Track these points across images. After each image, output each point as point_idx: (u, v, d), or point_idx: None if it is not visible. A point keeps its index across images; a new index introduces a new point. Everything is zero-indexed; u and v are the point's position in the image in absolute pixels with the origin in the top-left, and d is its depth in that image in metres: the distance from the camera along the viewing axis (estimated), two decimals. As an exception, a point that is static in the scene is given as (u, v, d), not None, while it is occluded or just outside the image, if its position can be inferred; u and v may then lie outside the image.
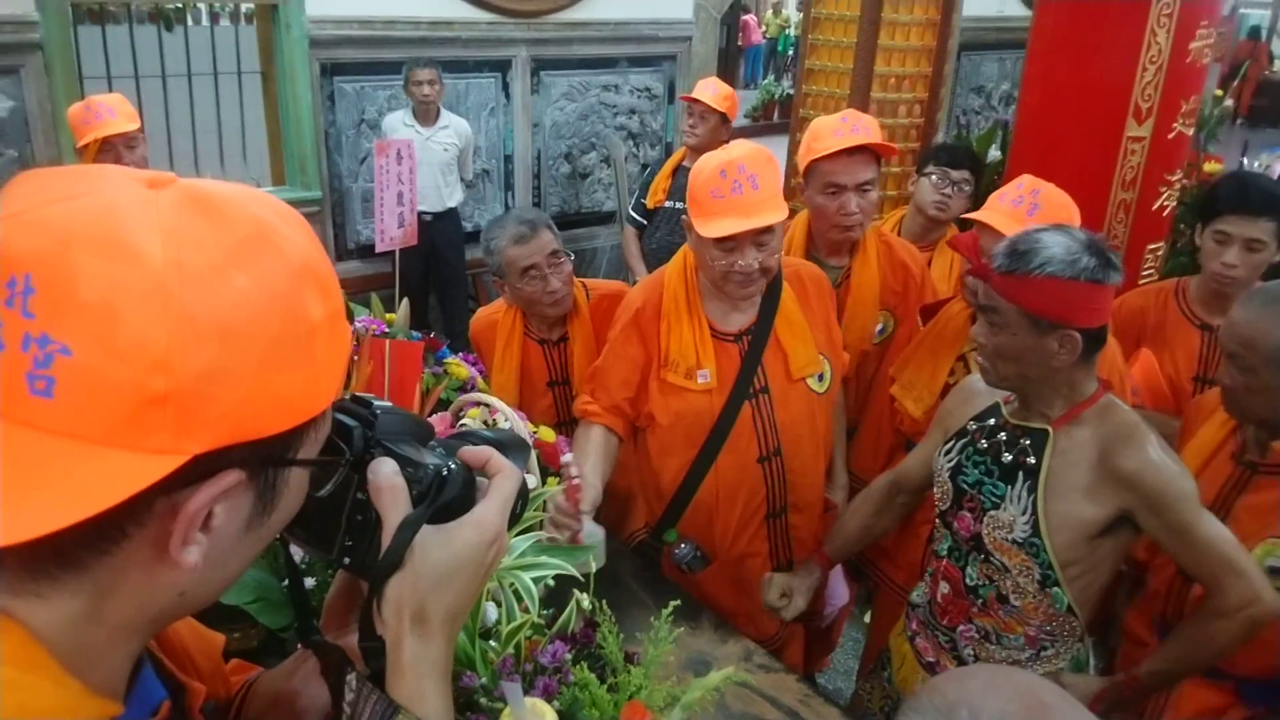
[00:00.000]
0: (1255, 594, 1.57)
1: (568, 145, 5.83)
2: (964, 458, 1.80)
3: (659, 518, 2.18)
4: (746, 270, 1.92)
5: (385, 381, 1.51)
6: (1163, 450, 1.61)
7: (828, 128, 2.39)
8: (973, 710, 0.71)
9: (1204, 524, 1.60)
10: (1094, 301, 1.56)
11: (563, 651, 0.97)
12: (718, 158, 1.92)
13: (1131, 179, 2.83)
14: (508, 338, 2.42)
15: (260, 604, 1.32)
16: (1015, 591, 1.73)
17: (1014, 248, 1.57)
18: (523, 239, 2.27)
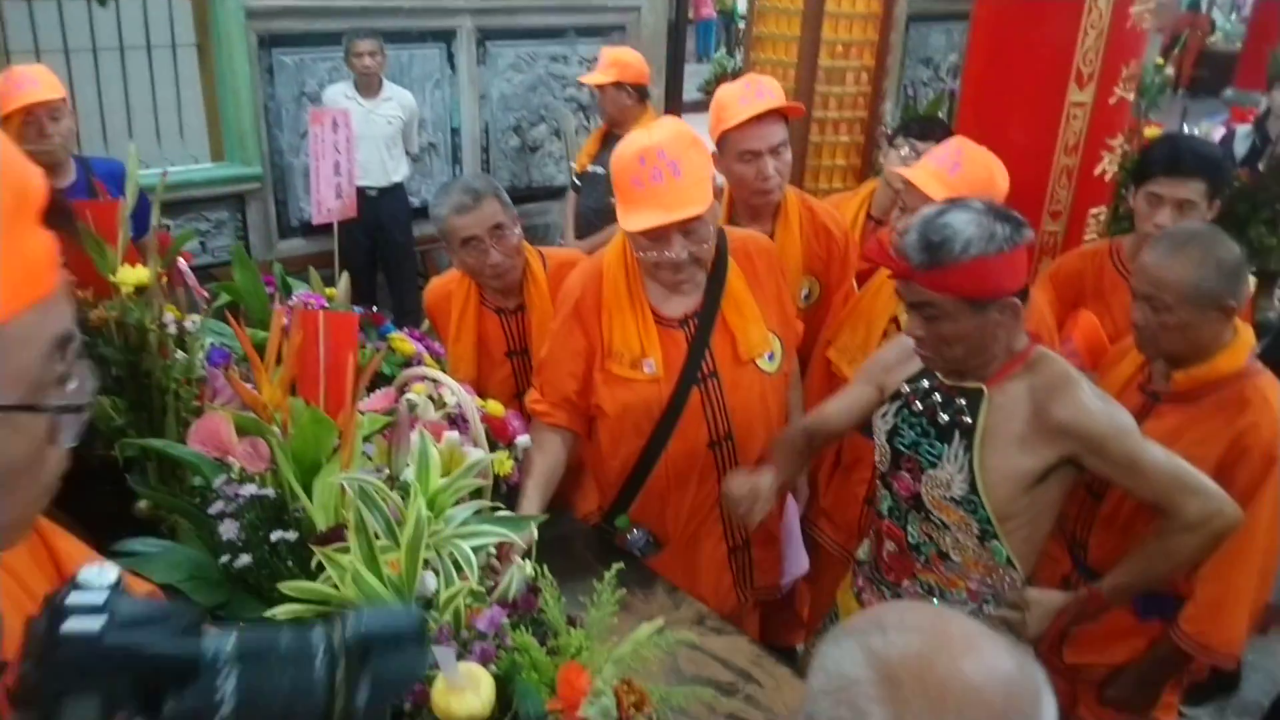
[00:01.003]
0: (1216, 508, 1.65)
1: (516, 118, 5.75)
2: (900, 420, 1.82)
3: (611, 504, 2.16)
4: (675, 261, 1.87)
5: (320, 354, 1.47)
6: (1095, 393, 1.67)
7: (733, 96, 2.35)
8: (884, 637, 0.73)
9: (1149, 453, 1.65)
10: (1019, 265, 1.59)
11: (500, 617, 0.95)
12: (638, 142, 1.85)
13: (1074, 144, 2.84)
14: (463, 308, 2.36)
15: (194, 582, 1.29)
16: (955, 548, 1.77)
17: (927, 241, 1.56)
18: (464, 209, 2.20)
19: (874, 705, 0.70)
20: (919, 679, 0.70)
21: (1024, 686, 0.72)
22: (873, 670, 0.72)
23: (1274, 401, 1.84)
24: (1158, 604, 1.98)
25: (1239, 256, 1.85)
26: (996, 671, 0.71)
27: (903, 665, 0.71)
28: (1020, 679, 0.72)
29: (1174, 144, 2.44)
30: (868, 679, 0.71)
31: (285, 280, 2.27)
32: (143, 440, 1.58)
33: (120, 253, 1.78)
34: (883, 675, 0.71)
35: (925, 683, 0.70)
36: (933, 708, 0.69)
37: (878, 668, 0.72)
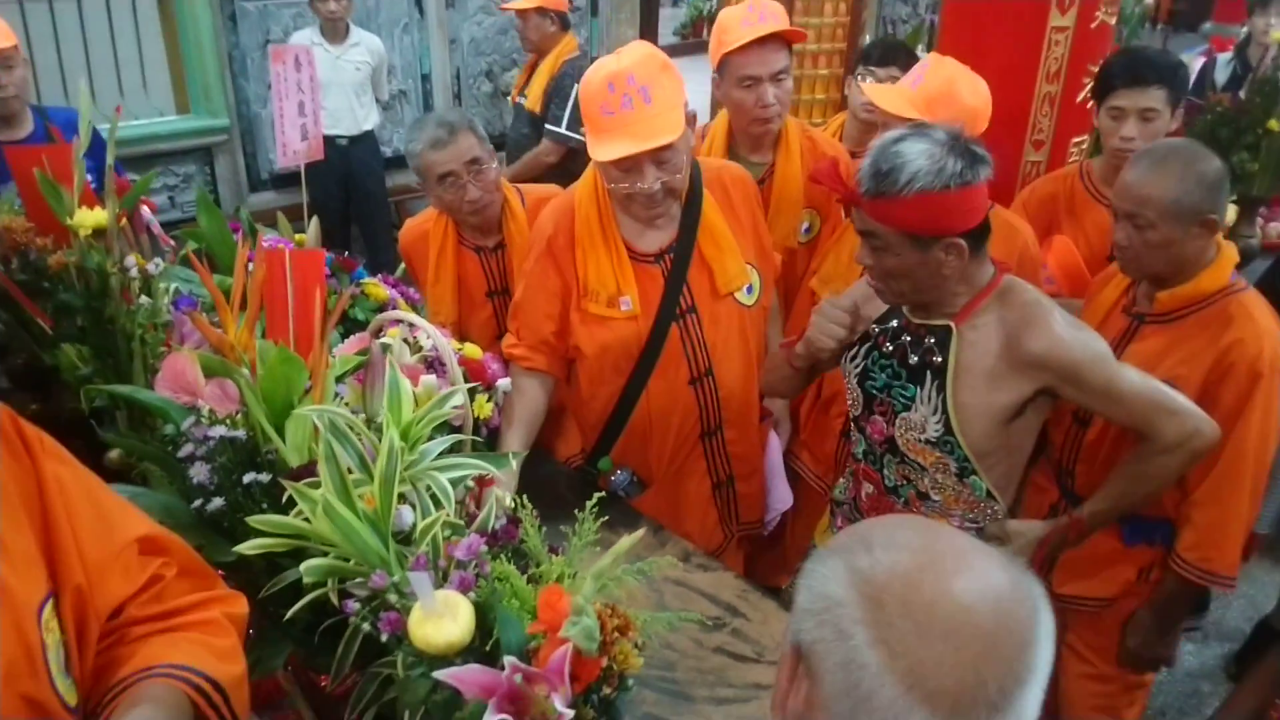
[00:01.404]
0: (1194, 427, 1.64)
1: (488, 62, 5.64)
2: (870, 363, 1.79)
3: (593, 446, 2.14)
4: (648, 193, 1.82)
5: (288, 294, 1.42)
6: (1067, 321, 1.63)
7: (735, 19, 2.29)
8: (869, 556, 0.71)
9: (1125, 378, 1.64)
10: (969, 204, 1.52)
11: (478, 545, 0.93)
12: (606, 68, 1.77)
13: (1056, 70, 2.79)
14: (440, 247, 2.30)
15: (165, 526, 1.25)
16: (934, 488, 1.76)
17: (877, 168, 1.51)
18: (439, 144, 2.13)
19: (857, 628, 0.67)
20: (903, 601, 0.67)
21: (1017, 606, 0.69)
22: (856, 591, 0.69)
23: (1258, 317, 1.83)
24: (1144, 529, 1.99)
25: (1220, 170, 1.82)
26: (987, 592, 0.68)
27: (887, 587, 0.68)
28: (1013, 598, 0.69)
29: (1131, 55, 2.41)
30: (851, 600, 0.69)
31: (252, 226, 2.20)
32: (109, 387, 1.53)
33: (76, 196, 1.71)
34: (866, 597, 0.68)
35: (910, 605, 0.67)
36: (918, 631, 0.66)
37: (861, 589, 0.69)
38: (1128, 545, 2.02)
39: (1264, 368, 1.78)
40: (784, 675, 0.74)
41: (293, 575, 1.05)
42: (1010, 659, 0.66)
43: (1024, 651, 0.67)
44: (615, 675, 0.87)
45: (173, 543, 1.03)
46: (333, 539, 0.96)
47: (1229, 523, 1.87)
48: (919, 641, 0.66)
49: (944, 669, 0.65)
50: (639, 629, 0.90)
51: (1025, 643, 0.67)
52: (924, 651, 0.65)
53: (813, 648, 0.70)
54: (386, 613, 0.90)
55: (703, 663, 1.61)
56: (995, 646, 0.66)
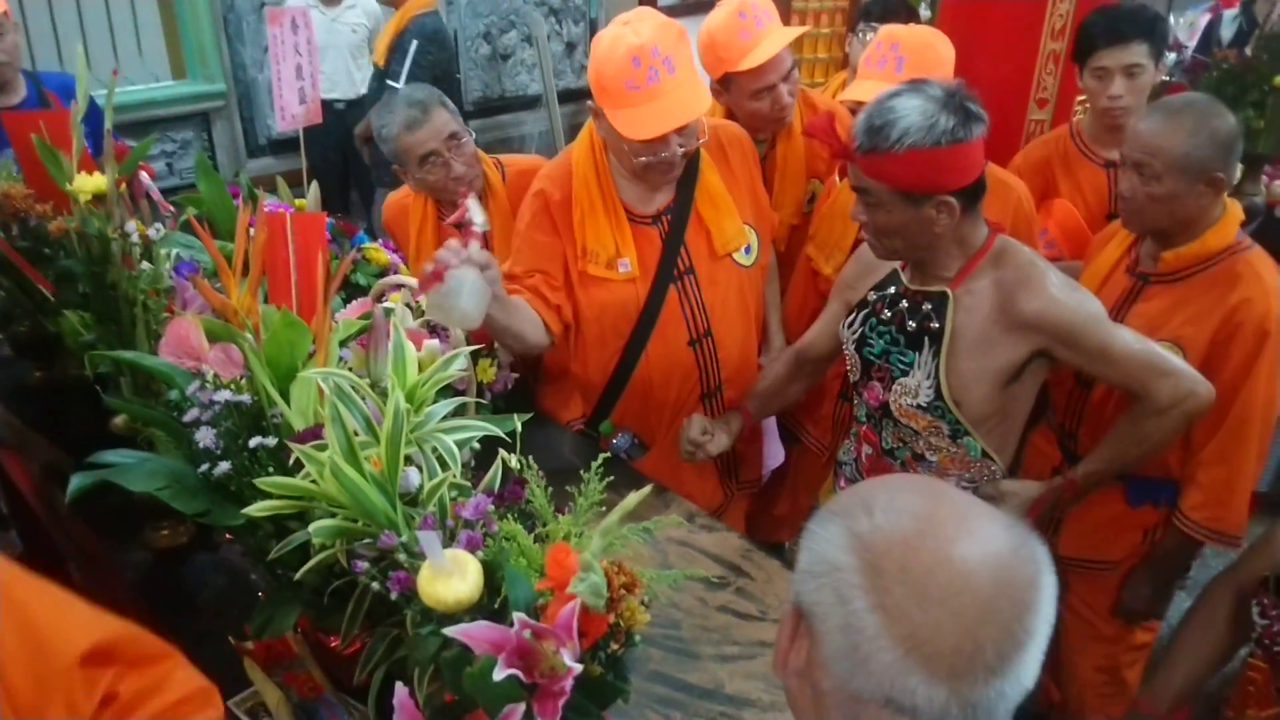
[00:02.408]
0: (1188, 388, 1.64)
1: (485, 24, 5.57)
2: (868, 329, 1.79)
3: (594, 410, 2.14)
4: (670, 160, 1.82)
5: (290, 258, 1.42)
6: (1061, 281, 1.63)
7: (731, 31, 2.17)
8: (870, 520, 0.71)
9: (1119, 339, 1.64)
10: (962, 161, 1.52)
11: (485, 504, 0.94)
12: (626, 41, 1.73)
13: (1061, 28, 2.76)
14: (420, 224, 2.28)
15: (172, 490, 1.26)
16: (929, 449, 1.78)
17: (870, 123, 1.51)
18: (415, 124, 2.10)
19: (856, 593, 0.68)
20: (902, 566, 0.68)
21: (1017, 571, 0.68)
22: (856, 557, 0.69)
23: (1265, 275, 1.81)
24: (1149, 490, 1.99)
25: (1234, 128, 1.79)
26: (987, 557, 0.68)
27: (886, 553, 0.68)
28: (1013, 563, 0.69)
29: (1109, 13, 2.38)
30: (851, 566, 0.69)
31: (252, 191, 2.19)
32: (113, 354, 1.54)
33: (75, 161, 1.71)
34: (865, 562, 0.68)
35: (908, 570, 0.67)
36: (915, 597, 0.66)
37: (861, 554, 0.69)
38: (1133, 507, 2.03)
39: (1272, 326, 1.78)
40: (785, 633, 0.75)
41: (301, 538, 1.06)
42: (1008, 624, 0.67)
43: (1023, 616, 0.67)
44: (622, 632, 0.88)
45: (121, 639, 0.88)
46: (341, 500, 0.97)
47: (1236, 481, 1.87)
48: (917, 607, 0.66)
49: (942, 634, 0.66)
50: (645, 587, 0.91)
51: (1024, 607, 0.68)
52: (921, 617, 0.66)
53: (813, 609, 0.71)
54: (396, 572, 0.91)
55: (708, 621, 1.63)
56: (993, 612, 0.66)
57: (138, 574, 1.75)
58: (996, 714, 0.67)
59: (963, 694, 0.65)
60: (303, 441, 1.05)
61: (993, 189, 2.12)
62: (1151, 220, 1.85)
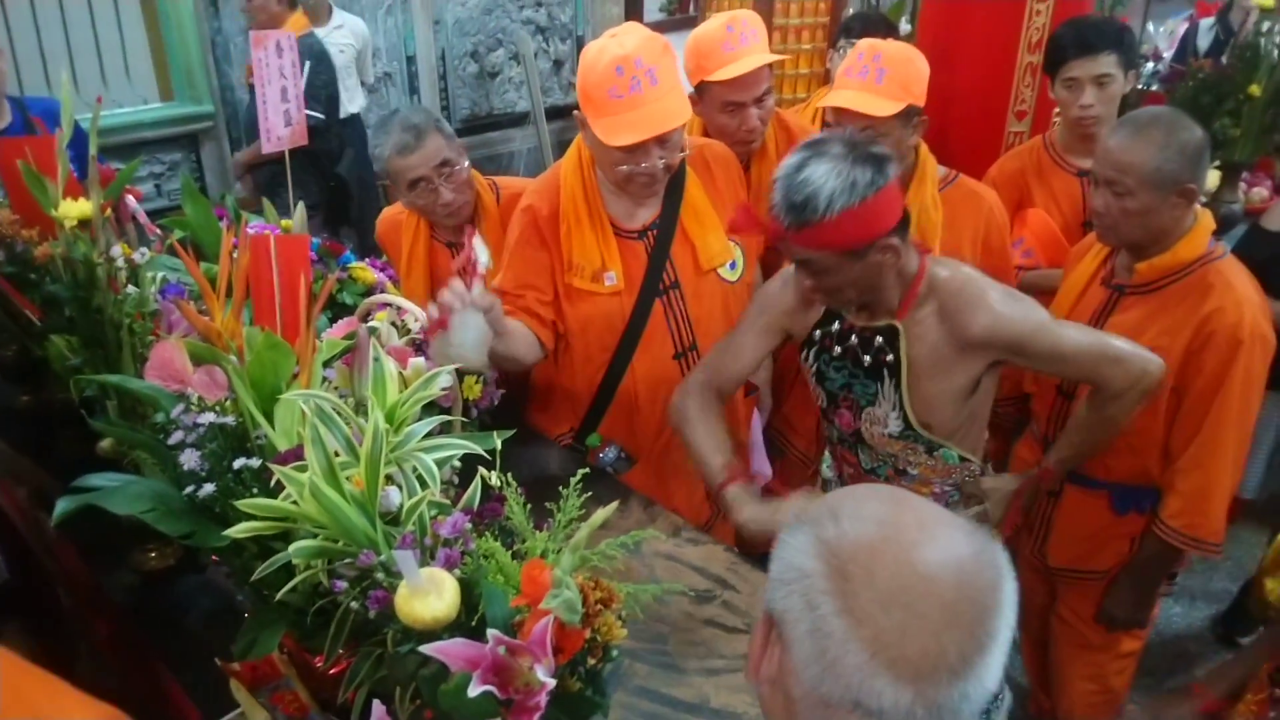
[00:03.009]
0: (1140, 369, 1.68)
1: (473, 43, 5.61)
2: (822, 364, 1.82)
3: (581, 423, 2.16)
4: (651, 172, 1.83)
5: (274, 279, 1.43)
6: (1001, 295, 1.65)
7: (714, 41, 2.19)
8: (837, 528, 0.73)
9: (1068, 338, 1.68)
10: (889, 204, 1.53)
11: (463, 522, 0.95)
12: (610, 52, 1.77)
13: (1037, 40, 2.80)
14: (413, 241, 2.30)
15: (158, 512, 1.27)
16: (909, 464, 1.81)
17: (790, 201, 1.51)
18: (407, 149, 2.11)
19: (824, 598, 0.70)
20: (868, 571, 0.69)
21: (978, 575, 0.70)
22: (823, 563, 0.71)
23: (1237, 285, 1.84)
24: (1133, 497, 2.02)
25: (1201, 139, 1.83)
26: (949, 562, 0.70)
27: (853, 558, 0.70)
28: (974, 566, 0.71)
29: (1077, 25, 2.44)
30: (819, 571, 0.71)
31: (238, 212, 2.21)
32: (99, 377, 1.55)
33: (61, 187, 1.72)
34: (833, 568, 0.70)
35: (874, 575, 0.69)
36: (881, 600, 0.68)
37: (828, 560, 0.71)
38: (1119, 515, 2.05)
39: (1244, 335, 1.80)
40: (758, 641, 0.77)
41: (284, 558, 1.07)
42: (971, 626, 0.69)
43: (985, 619, 0.69)
44: (600, 646, 0.89)
45: None
46: (321, 520, 0.98)
47: (1213, 489, 1.89)
48: (882, 610, 0.68)
49: (906, 637, 0.67)
50: (623, 601, 0.92)
51: (986, 611, 0.69)
52: (886, 620, 0.68)
53: (784, 616, 0.72)
54: (374, 591, 0.92)
55: (694, 635, 1.64)
56: (956, 615, 0.68)
57: (126, 597, 1.76)
58: (961, 716, 0.68)
59: (927, 695, 0.67)
60: (284, 462, 1.06)
61: (964, 199, 2.16)
62: (1127, 234, 1.88)
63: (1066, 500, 2.11)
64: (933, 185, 2.14)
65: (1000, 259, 2.22)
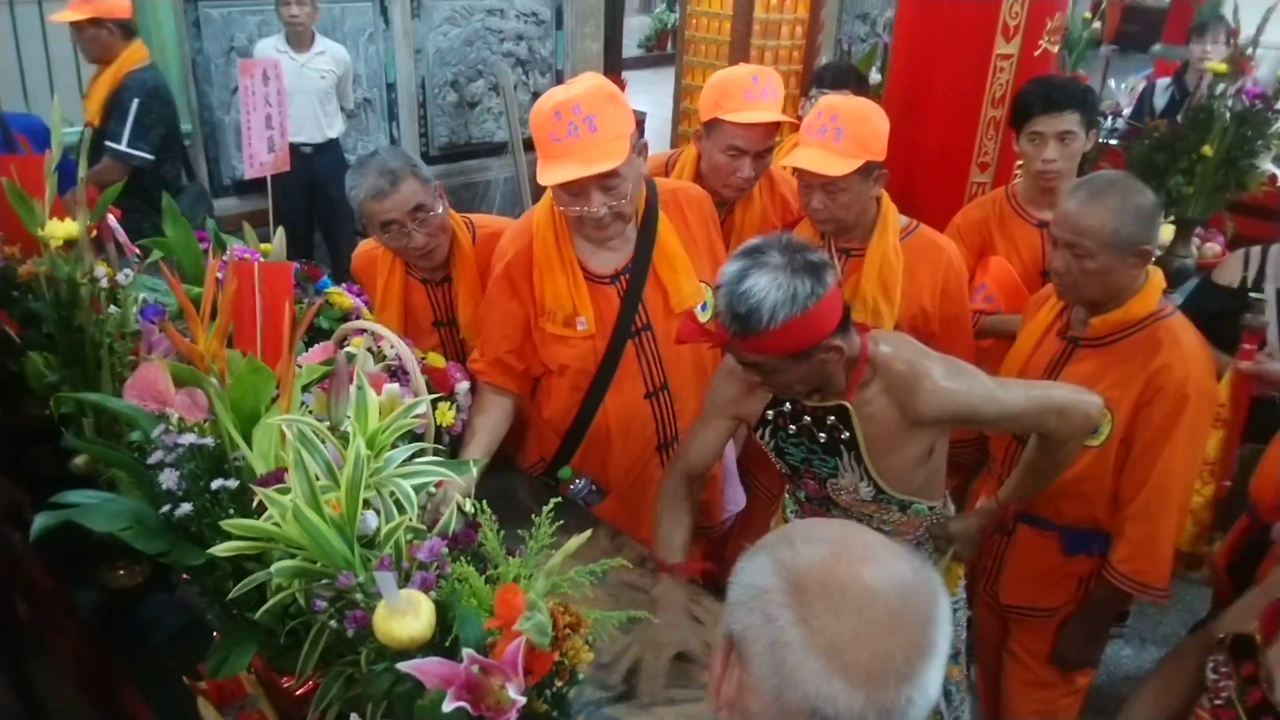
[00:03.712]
0: (1082, 415, 1.77)
1: (453, 73, 5.68)
2: (780, 441, 1.87)
3: (553, 456, 2.20)
4: (595, 216, 1.87)
5: (256, 304, 1.47)
6: (944, 370, 1.70)
7: (738, 85, 2.30)
8: (791, 550, 0.80)
9: (1011, 400, 1.75)
10: (830, 310, 1.57)
11: (439, 547, 0.99)
12: (555, 97, 1.83)
13: (1001, 96, 2.91)
14: (388, 276, 2.31)
15: (134, 530, 1.29)
16: (881, 522, 1.88)
17: (735, 312, 1.54)
18: (380, 194, 2.11)
19: (782, 610, 0.76)
20: (821, 583, 0.77)
21: (918, 590, 0.78)
22: (781, 580, 0.78)
23: (1184, 342, 1.93)
24: (1083, 540, 2.10)
25: (1154, 201, 1.93)
26: (893, 576, 0.78)
27: (808, 573, 0.78)
28: (916, 581, 0.78)
29: (1042, 83, 2.55)
30: (777, 588, 0.78)
31: (219, 235, 2.24)
32: (78, 395, 1.57)
33: (47, 207, 1.75)
34: (790, 583, 0.77)
35: (827, 586, 0.76)
36: (834, 609, 0.75)
37: (786, 577, 0.78)
38: (1068, 556, 2.13)
39: (1190, 391, 1.89)
40: (718, 665, 0.82)
41: (263, 577, 1.10)
42: (914, 633, 0.76)
43: (927, 628, 0.77)
44: (567, 670, 0.94)
45: None
46: (301, 542, 1.01)
47: (1159, 537, 1.97)
48: (835, 618, 0.75)
49: (858, 642, 0.74)
50: (590, 627, 0.97)
51: (927, 620, 0.77)
52: (840, 626, 0.74)
53: (743, 634, 0.78)
54: (352, 611, 0.96)
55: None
56: (901, 623, 0.76)
57: (93, 613, 1.76)
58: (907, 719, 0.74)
59: (878, 699, 0.73)
60: (266, 485, 1.10)
61: (923, 250, 2.24)
62: (1087, 293, 1.96)
63: (1019, 540, 2.19)
64: (894, 234, 2.21)
65: (958, 305, 2.30)
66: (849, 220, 2.19)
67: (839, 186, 2.09)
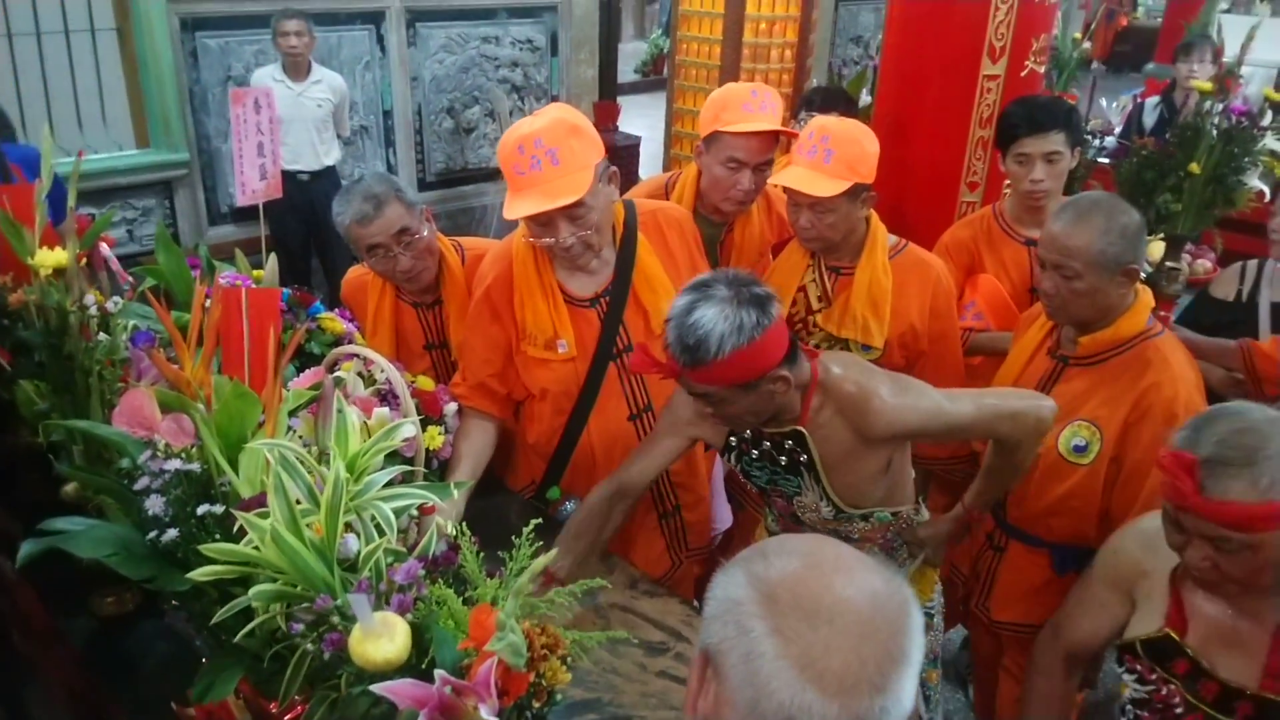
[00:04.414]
0: (1034, 418, 1.78)
1: (449, 99, 5.73)
2: (745, 464, 1.90)
3: (542, 477, 2.20)
4: (564, 246, 1.89)
5: (244, 331, 1.48)
6: (891, 387, 1.73)
7: (737, 99, 2.34)
8: (764, 562, 0.81)
9: (961, 412, 1.77)
10: (775, 342, 1.59)
11: (416, 569, 0.99)
12: (519, 130, 1.85)
13: (988, 116, 2.94)
14: (379, 300, 2.32)
15: (120, 556, 1.29)
16: (850, 532, 1.90)
17: (684, 343, 1.57)
18: (365, 219, 2.13)
19: (756, 621, 0.77)
20: (794, 594, 0.78)
21: (889, 600, 0.79)
22: (755, 591, 0.79)
23: (1173, 361, 1.93)
24: (1073, 558, 2.10)
25: (1139, 221, 1.94)
26: (864, 586, 0.79)
27: (780, 584, 0.79)
28: (886, 591, 0.79)
29: (1028, 104, 2.56)
30: (750, 599, 0.79)
31: (210, 262, 2.25)
32: (67, 422, 1.57)
33: (38, 236, 1.76)
34: (763, 594, 0.78)
35: (800, 597, 0.77)
36: (807, 618, 0.76)
37: (759, 588, 0.79)
38: (1059, 574, 2.13)
39: (1179, 410, 1.89)
40: (694, 680, 0.83)
41: (244, 602, 1.10)
42: (885, 642, 0.76)
43: (898, 637, 0.77)
44: (544, 690, 0.94)
45: None
46: (281, 566, 1.02)
47: None
48: (808, 628, 0.76)
49: (831, 651, 0.75)
50: (568, 647, 0.97)
51: (898, 630, 0.78)
52: (812, 635, 0.75)
53: (719, 648, 0.79)
54: (330, 634, 0.96)
55: (647, 686, 1.67)
56: (873, 631, 0.76)
57: (83, 641, 1.76)
58: None
59: (851, 709, 0.74)
60: (247, 509, 1.10)
61: (912, 268, 2.25)
62: (1076, 313, 1.98)
63: (1010, 557, 2.19)
64: (883, 253, 2.23)
65: (946, 323, 2.31)
66: (835, 239, 2.20)
67: (826, 207, 2.11)
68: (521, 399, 2.15)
